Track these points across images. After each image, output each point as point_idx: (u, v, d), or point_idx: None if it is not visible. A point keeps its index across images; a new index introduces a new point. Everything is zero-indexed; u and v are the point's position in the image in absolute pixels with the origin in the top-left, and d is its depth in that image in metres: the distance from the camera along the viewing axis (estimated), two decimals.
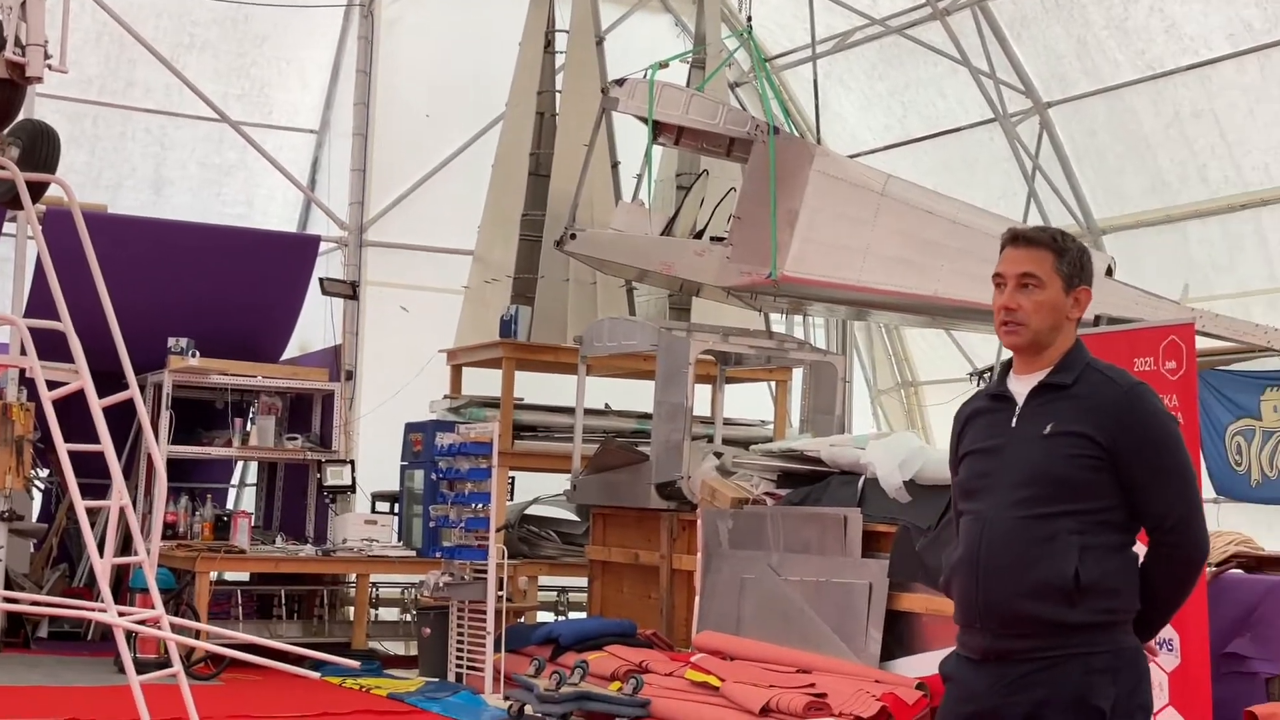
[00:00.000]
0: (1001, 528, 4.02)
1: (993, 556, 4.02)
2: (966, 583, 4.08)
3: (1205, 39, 14.18)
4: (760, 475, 11.58)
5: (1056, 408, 4.06)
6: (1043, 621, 3.94)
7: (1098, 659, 3.92)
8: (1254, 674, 7.90)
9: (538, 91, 15.51)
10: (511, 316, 14.26)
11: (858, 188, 12.39)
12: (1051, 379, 4.11)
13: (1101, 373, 4.11)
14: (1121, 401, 4.02)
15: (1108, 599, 3.95)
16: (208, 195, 17.10)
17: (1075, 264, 4.16)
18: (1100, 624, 3.94)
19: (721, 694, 9.58)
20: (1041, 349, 4.15)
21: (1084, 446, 3.98)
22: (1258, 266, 14.74)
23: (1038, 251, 4.16)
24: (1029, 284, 4.15)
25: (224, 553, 13.15)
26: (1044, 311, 4.13)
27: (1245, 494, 14.12)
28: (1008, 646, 3.99)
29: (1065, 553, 3.93)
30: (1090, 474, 3.97)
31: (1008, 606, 3.98)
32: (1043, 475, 3.99)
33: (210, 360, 14.12)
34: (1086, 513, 3.96)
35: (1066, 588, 3.91)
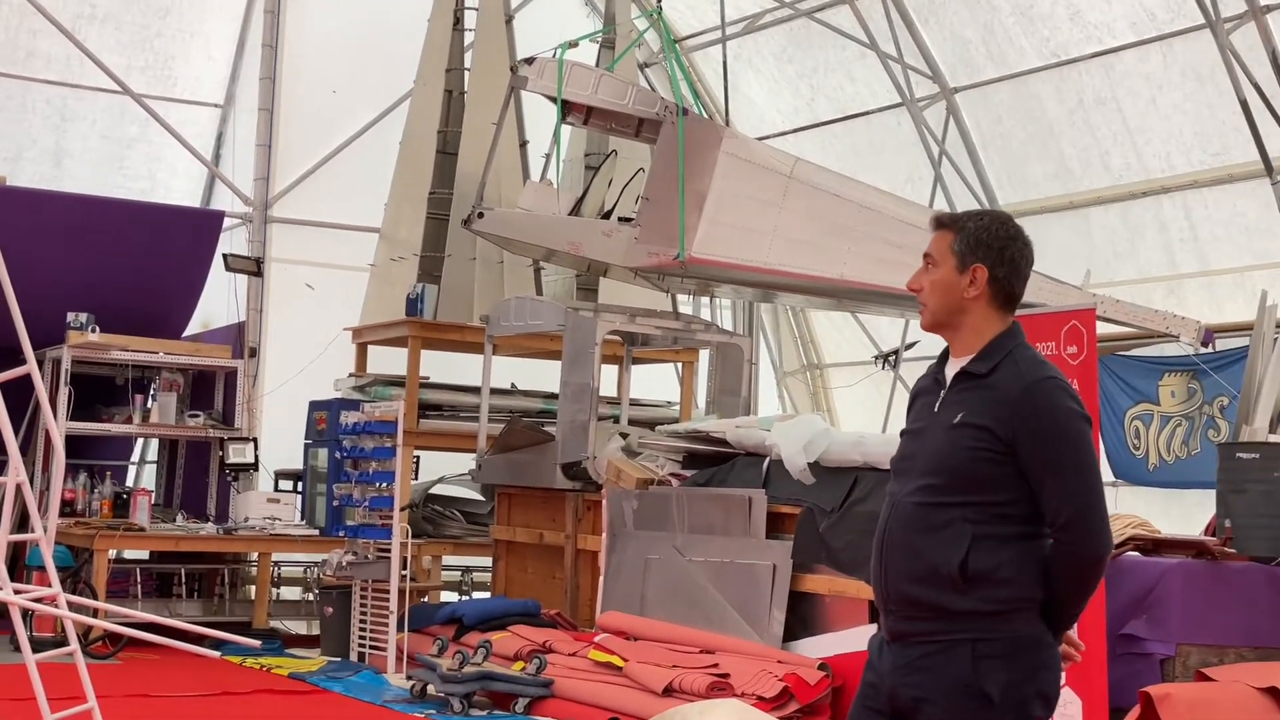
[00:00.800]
0: (904, 512, 4.05)
1: (895, 540, 4.05)
2: (875, 563, 4.12)
3: (1109, 27, 14.33)
4: (666, 456, 11.61)
5: (969, 397, 4.05)
6: (931, 607, 3.96)
7: (988, 645, 3.93)
8: (1149, 655, 8.02)
9: (446, 69, 15.42)
10: (418, 295, 14.19)
11: (766, 170, 12.43)
12: (970, 366, 4.09)
13: (1015, 363, 4.06)
14: (1022, 396, 3.99)
15: (999, 588, 3.94)
16: (109, 169, 16.86)
17: (970, 241, 4.09)
18: (992, 612, 3.94)
19: (625, 674, 9.60)
20: (955, 331, 4.13)
21: (984, 439, 3.97)
22: (1157, 253, 14.93)
23: (940, 232, 4.16)
24: (928, 264, 4.16)
25: (123, 531, 13.00)
26: (938, 291, 4.12)
27: (1143, 478, 14.32)
28: (905, 629, 4.03)
29: (956, 541, 3.93)
30: (990, 467, 3.97)
31: (904, 590, 4.01)
32: (945, 466, 4.00)
33: (111, 336, 13.95)
34: (984, 505, 3.97)
35: (954, 576, 3.92)
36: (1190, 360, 13.63)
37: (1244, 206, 14.04)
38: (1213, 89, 13.71)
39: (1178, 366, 14.04)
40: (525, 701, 9.79)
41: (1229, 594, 8.21)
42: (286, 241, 16.71)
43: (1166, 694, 7.35)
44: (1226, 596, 8.20)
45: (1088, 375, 7.15)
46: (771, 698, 8.73)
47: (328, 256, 16.53)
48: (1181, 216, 14.61)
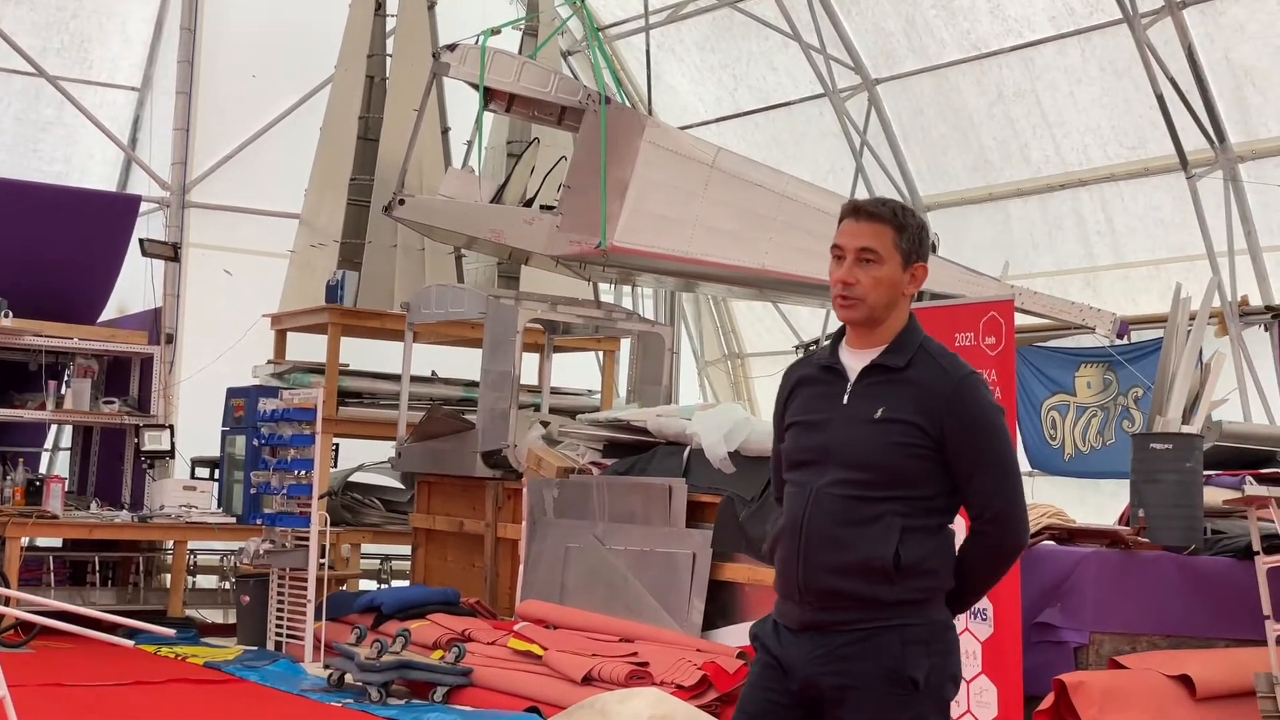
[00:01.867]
0: (828, 505, 4.02)
1: (817, 532, 4.02)
2: (789, 554, 4.08)
3: (1029, 21, 14.44)
4: (586, 445, 11.61)
5: (888, 391, 4.05)
6: (861, 598, 3.97)
7: (912, 631, 3.97)
8: (1063, 643, 8.09)
9: (368, 55, 15.33)
10: (338, 282, 14.11)
11: (688, 160, 12.45)
12: (884, 359, 4.09)
13: (934, 359, 4.09)
14: (953, 393, 4.02)
15: (926, 578, 3.99)
16: (24, 151, 16.63)
17: (914, 240, 4.12)
18: (916, 600, 3.99)
19: (544, 663, 9.59)
20: (876, 324, 4.12)
21: (914, 435, 3.99)
22: (1075, 245, 15.07)
23: (878, 226, 4.10)
24: (868, 259, 4.08)
25: (36, 518, 12.86)
26: (882, 288, 4.08)
27: (1058, 467, 14.47)
28: (824, 619, 4.02)
29: (887, 535, 3.95)
30: (918, 463, 4.00)
31: (828, 583, 4.00)
32: (872, 461, 4.00)
33: (24, 321, 13.79)
34: (912, 499, 4.00)
35: (887, 568, 3.94)
36: (1106, 352, 13.77)
37: (1159, 200, 14.20)
38: (1130, 83, 13.85)
39: (1093, 358, 14.19)
40: (444, 690, 9.75)
41: (1142, 583, 8.30)
42: (204, 227, 16.54)
43: (1080, 682, 7.43)
44: (1139, 585, 8.28)
45: (1005, 366, 7.20)
46: (690, 686, 8.75)
47: (246, 242, 16.38)
48: (1099, 209, 14.75)
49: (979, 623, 7.25)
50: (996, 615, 7.19)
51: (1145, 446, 8.82)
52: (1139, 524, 8.65)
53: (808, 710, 4.05)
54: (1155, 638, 8.26)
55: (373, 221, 14.65)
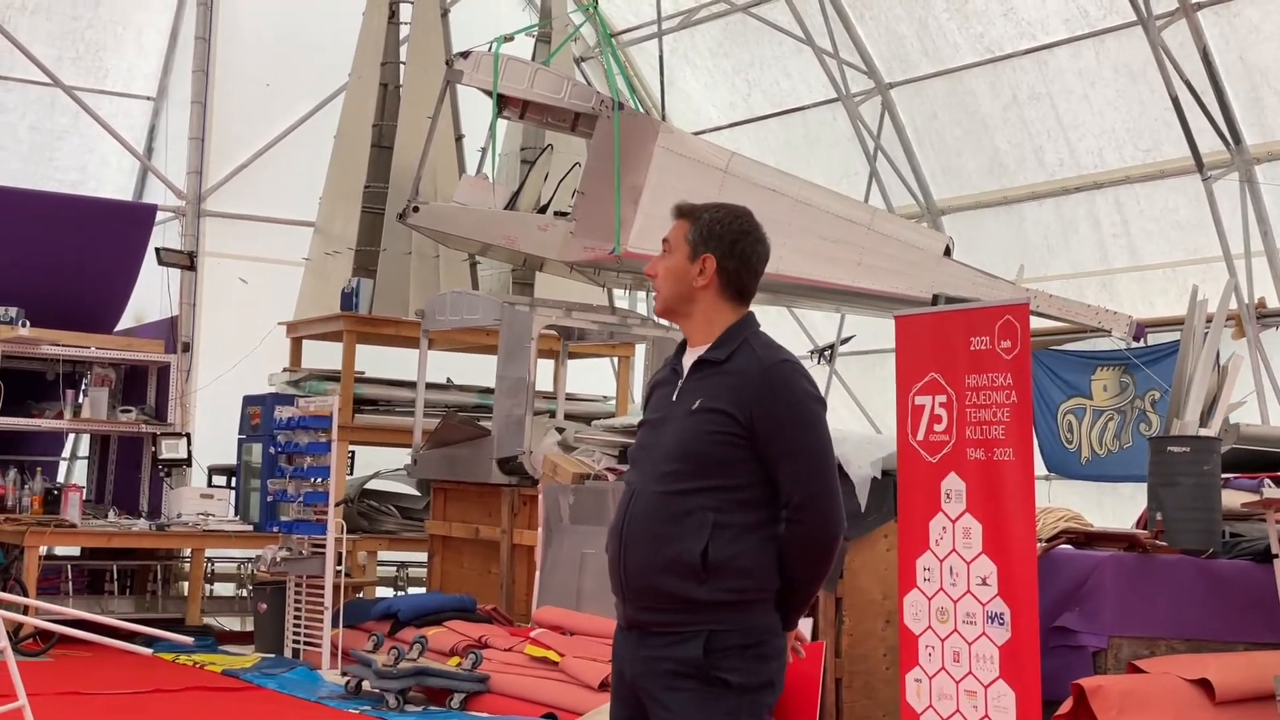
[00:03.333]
0: (645, 502, 4.05)
1: (634, 530, 4.04)
2: (613, 552, 4.11)
3: (1043, 24, 14.43)
4: (602, 451, 11.60)
5: (707, 384, 4.08)
6: (674, 597, 3.97)
7: (723, 636, 3.96)
8: (1081, 647, 8.07)
9: (381, 62, 15.36)
10: (353, 289, 14.13)
11: (702, 165, 12.45)
12: (708, 354, 4.13)
13: (752, 349, 4.12)
14: (761, 379, 4.03)
15: (738, 578, 3.97)
16: (40, 161, 16.69)
17: (703, 231, 4.17)
18: (729, 602, 3.96)
19: (560, 669, 9.59)
20: (685, 319, 4.20)
21: (724, 423, 4.00)
22: (1090, 248, 15.05)
23: (679, 221, 4.23)
24: (664, 250, 4.22)
25: (54, 527, 12.87)
26: (669, 278, 4.19)
27: (1075, 471, 14.43)
28: (644, 619, 4.04)
29: (698, 531, 3.95)
30: (729, 450, 3.99)
31: (643, 580, 4.01)
32: (685, 452, 4.01)
33: (41, 330, 13.82)
34: (724, 490, 3.98)
35: (695, 565, 3.94)
36: (1122, 355, 13.74)
37: (1175, 202, 14.17)
38: (1144, 86, 13.83)
39: (1110, 361, 14.16)
40: (461, 697, 9.76)
41: (1160, 587, 8.28)
42: (220, 236, 16.60)
43: (1099, 686, 7.41)
44: (1158, 589, 8.26)
45: (1021, 370, 7.18)
46: None
47: (262, 251, 16.42)
48: (1114, 212, 14.73)
49: (996, 627, 7.23)
50: (1014, 620, 7.18)
51: (1163, 450, 8.80)
52: (1157, 527, 8.63)
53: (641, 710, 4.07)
54: (1174, 641, 8.24)
55: (387, 229, 14.67)
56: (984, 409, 7.21)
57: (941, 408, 7.34)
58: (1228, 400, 9.15)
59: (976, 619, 7.25)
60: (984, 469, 7.22)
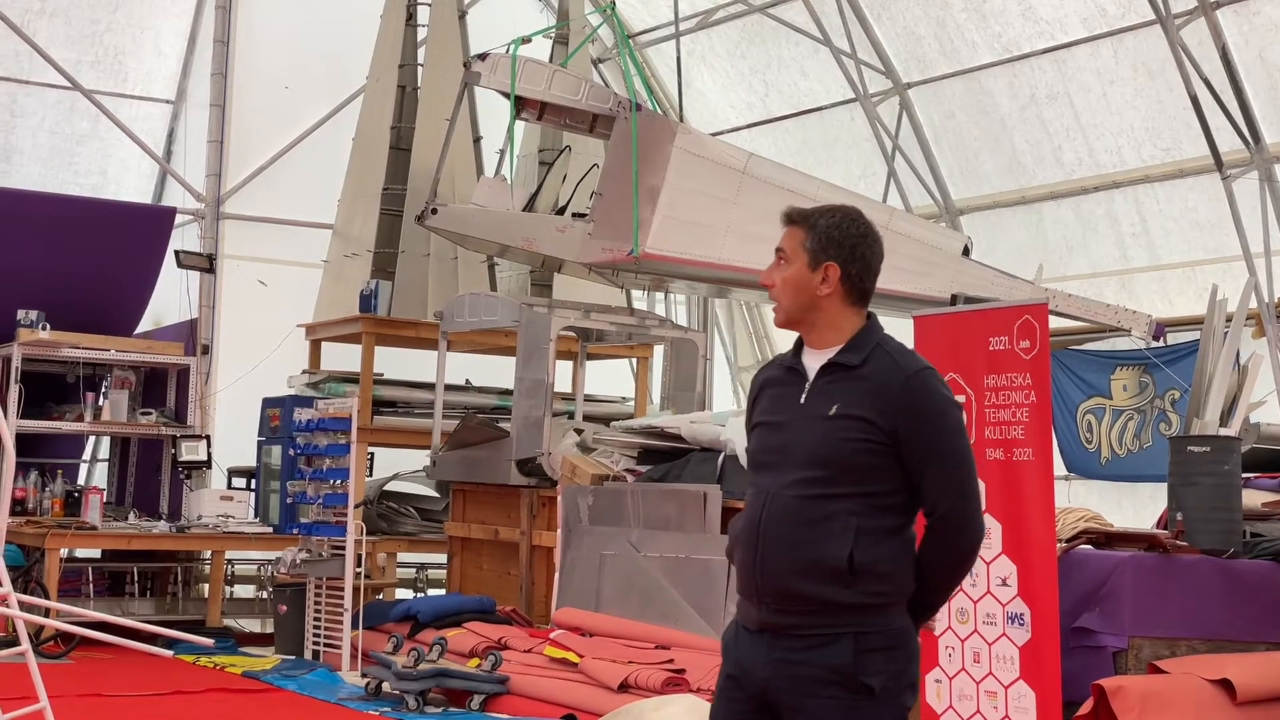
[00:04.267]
0: (782, 505, 4.03)
1: (772, 533, 4.03)
2: (746, 556, 4.08)
3: (1061, 23, 14.40)
4: (621, 452, 11.61)
5: (842, 388, 4.05)
6: (816, 600, 3.95)
7: (869, 638, 3.95)
8: (1102, 648, 8.05)
9: (399, 65, 15.37)
10: (371, 291, 14.15)
11: (720, 166, 12.44)
12: (840, 358, 4.11)
13: (890, 355, 4.09)
14: (904, 387, 4.01)
15: (880, 582, 3.97)
16: (59, 165, 16.74)
17: (823, 239, 4.13)
18: (872, 605, 3.96)
19: (580, 670, 9.59)
20: (810, 327, 4.17)
21: (865, 430, 3.98)
22: (1109, 247, 15.02)
23: (791, 228, 4.19)
24: (780, 260, 4.18)
25: (75, 529, 12.91)
26: (789, 288, 4.15)
27: (1095, 472, 14.40)
28: (782, 622, 4.01)
29: (841, 535, 3.94)
30: (872, 458, 3.98)
31: (783, 583, 3.99)
32: (825, 458, 3.99)
33: (61, 333, 13.87)
34: (866, 496, 3.98)
35: (840, 569, 3.93)
36: (1142, 354, 13.71)
37: (1194, 201, 14.14)
38: (1163, 84, 13.80)
39: (1130, 360, 14.13)
40: (481, 698, 9.77)
41: (1181, 587, 8.25)
42: (239, 238, 16.62)
43: (1119, 686, 7.39)
44: (1178, 589, 8.24)
45: (1041, 370, 7.17)
46: None
47: (281, 253, 16.45)
48: (1133, 211, 14.70)
49: (1016, 628, 7.23)
50: (1034, 620, 7.17)
51: (1183, 449, 8.77)
52: (1177, 527, 8.60)
53: (770, 715, 4.04)
54: (1195, 641, 8.22)
55: (406, 231, 14.69)
56: (1003, 409, 7.21)
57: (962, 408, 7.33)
58: (1248, 400, 9.12)
59: (997, 619, 7.24)
60: (1003, 469, 7.21)
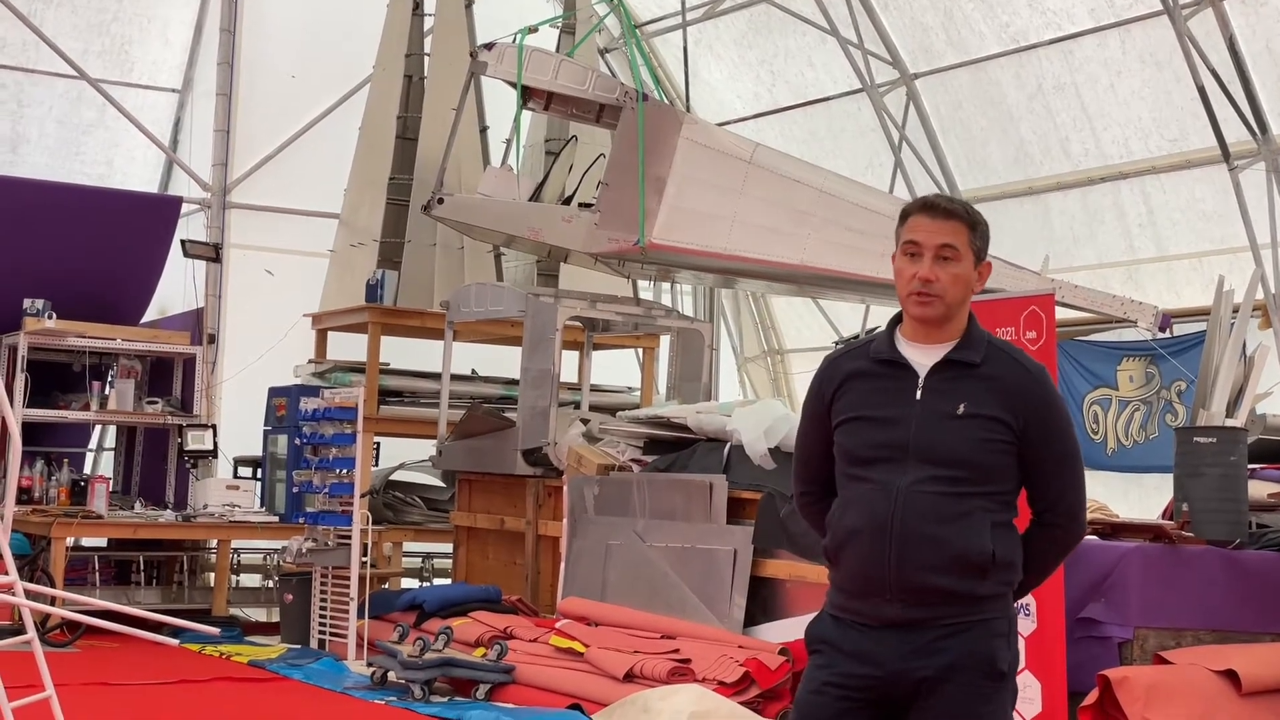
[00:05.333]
0: (917, 502, 4.01)
1: (909, 529, 4.01)
2: (873, 553, 4.03)
3: (1068, 13, 14.37)
4: (626, 442, 11.61)
5: (966, 387, 4.07)
6: (955, 594, 4.00)
7: (998, 624, 4.05)
8: (1107, 638, 8.06)
9: (406, 54, 15.36)
10: (378, 281, 14.15)
11: (726, 156, 12.43)
12: (957, 355, 4.11)
13: (1008, 354, 4.17)
14: (1034, 387, 4.09)
15: (1011, 572, 4.08)
16: (66, 154, 16.74)
17: (984, 239, 4.17)
18: (1000, 595, 4.07)
19: (586, 660, 9.60)
20: (949, 322, 4.15)
21: (998, 431, 4.03)
22: (1116, 238, 15.00)
23: (954, 224, 4.13)
24: (947, 256, 4.10)
25: (81, 518, 12.92)
26: (960, 285, 4.11)
27: (1101, 462, 14.38)
28: (917, 615, 4.02)
29: (981, 530, 4.00)
30: (1003, 458, 4.05)
31: (924, 580, 3.99)
32: (960, 457, 4.02)
33: (68, 322, 13.88)
34: (996, 494, 4.05)
35: (985, 564, 3.99)
36: (1148, 345, 13.69)
37: (1201, 192, 14.11)
38: (1170, 75, 13.77)
39: (1136, 351, 14.12)
40: (486, 688, 9.77)
41: (1186, 577, 8.26)
42: (245, 227, 16.62)
43: (1124, 677, 7.40)
44: (1184, 580, 8.24)
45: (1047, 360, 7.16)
46: (732, 683, 8.75)
47: (287, 242, 16.45)
48: (1140, 202, 14.68)
49: (1023, 618, 7.22)
50: (1040, 611, 7.17)
51: (1189, 440, 8.77)
52: (1183, 518, 8.61)
53: (882, 708, 4.06)
54: (1200, 632, 8.22)
55: (412, 220, 14.68)
56: None
57: None
58: (1254, 391, 9.13)
59: None
60: None
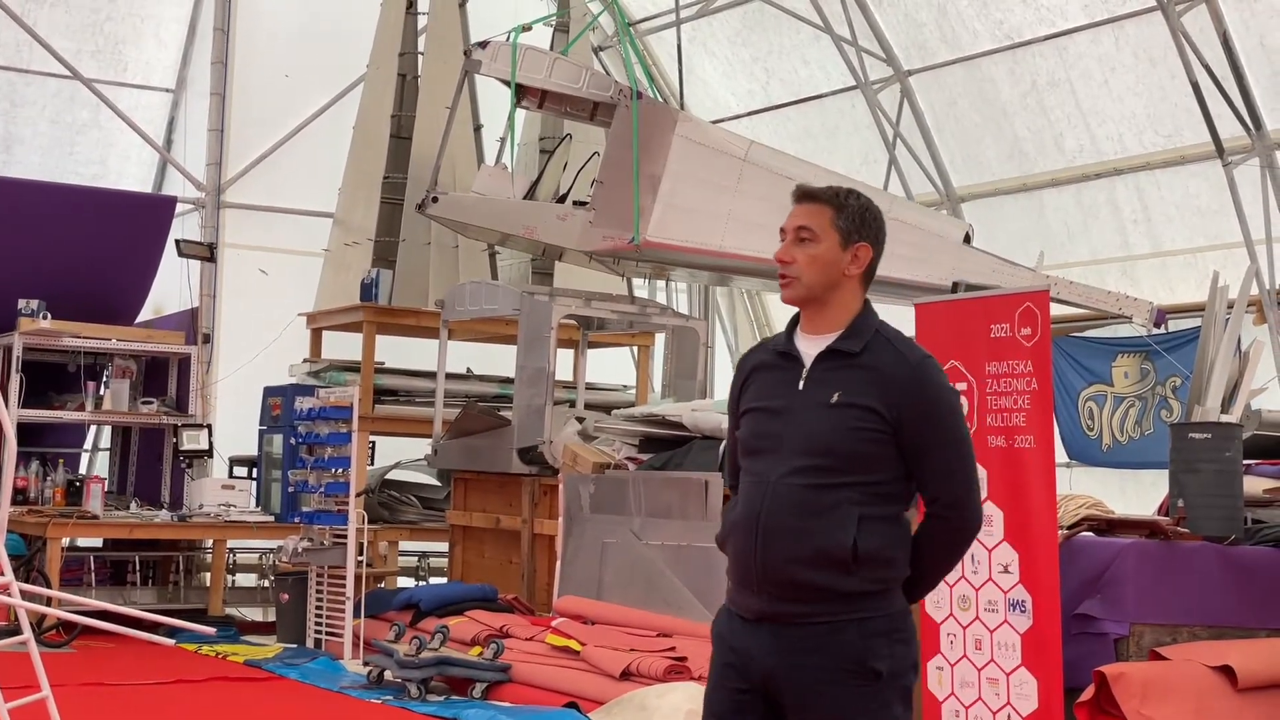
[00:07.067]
0: (784, 494, 4.01)
1: (774, 522, 4.01)
2: (745, 544, 4.07)
3: (1061, 9, 14.37)
4: (622, 440, 11.61)
5: (844, 376, 4.04)
6: (820, 589, 3.96)
7: (874, 623, 3.98)
8: (1104, 634, 8.05)
9: (399, 53, 15.36)
10: (372, 280, 14.15)
11: (720, 154, 12.43)
12: (840, 345, 4.08)
13: (891, 344, 4.09)
14: (910, 377, 4.02)
15: (883, 568, 4.00)
16: (60, 154, 16.73)
17: (854, 219, 4.11)
18: (874, 591, 3.99)
19: (582, 658, 9.60)
20: (822, 306, 4.12)
21: (870, 420, 3.98)
22: (1111, 234, 15.00)
23: (815, 206, 4.14)
24: (804, 237, 4.12)
25: (76, 518, 12.91)
26: (817, 265, 4.09)
27: (1096, 459, 14.39)
28: (784, 610, 4.01)
29: (844, 523, 3.95)
30: (875, 447, 3.99)
31: (786, 572, 3.99)
32: (828, 446, 3.99)
33: (62, 322, 13.86)
34: (868, 484, 3.99)
35: (844, 558, 3.94)
36: (1143, 341, 13.70)
37: (1196, 188, 14.12)
38: (1164, 71, 13.77)
39: (1131, 347, 14.11)
40: (483, 686, 9.77)
41: (1182, 573, 8.25)
42: (240, 227, 16.62)
43: (1121, 673, 7.39)
44: (1180, 576, 8.23)
45: (1042, 357, 7.17)
46: None
47: (281, 242, 16.45)
48: (1134, 198, 14.68)
49: (1018, 615, 7.23)
50: (1036, 607, 7.17)
51: (1184, 436, 8.76)
52: (1178, 514, 8.60)
53: (770, 703, 4.04)
54: (1196, 628, 8.21)
55: (406, 219, 14.68)
56: (1004, 396, 7.20)
57: (962, 395, 7.33)
58: (1249, 386, 9.11)
59: (998, 606, 7.25)
60: (1005, 456, 7.21)
